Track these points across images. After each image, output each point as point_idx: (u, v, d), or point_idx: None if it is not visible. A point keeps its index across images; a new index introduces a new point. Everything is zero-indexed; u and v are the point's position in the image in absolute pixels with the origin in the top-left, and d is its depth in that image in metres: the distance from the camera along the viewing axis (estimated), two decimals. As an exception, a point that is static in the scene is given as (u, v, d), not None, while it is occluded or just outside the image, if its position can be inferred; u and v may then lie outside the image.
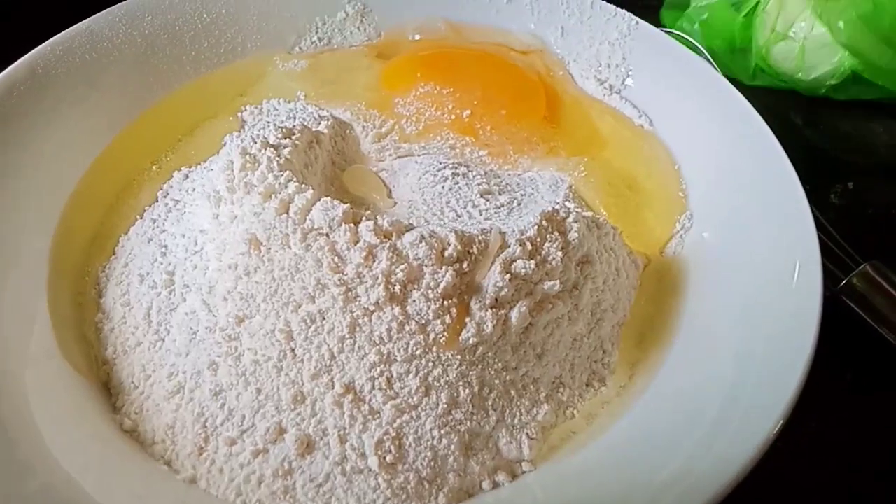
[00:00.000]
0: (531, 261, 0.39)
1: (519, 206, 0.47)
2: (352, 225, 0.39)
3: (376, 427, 0.37)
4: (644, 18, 0.59)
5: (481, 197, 0.47)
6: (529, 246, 0.40)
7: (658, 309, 0.46)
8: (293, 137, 0.46)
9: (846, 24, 0.62)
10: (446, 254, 0.38)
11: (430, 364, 0.38)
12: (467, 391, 0.38)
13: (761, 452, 0.34)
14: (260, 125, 0.52)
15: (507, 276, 0.39)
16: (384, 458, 0.36)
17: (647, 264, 0.48)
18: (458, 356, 0.38)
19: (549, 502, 0.37)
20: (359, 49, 0.62)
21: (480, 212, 0.45)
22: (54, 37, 0.53)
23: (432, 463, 0.37)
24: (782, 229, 0.44)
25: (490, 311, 0.38)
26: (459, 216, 0.45)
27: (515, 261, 0.39)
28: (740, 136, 0.50)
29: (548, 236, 0.40)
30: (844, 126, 0.66)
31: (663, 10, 0.73)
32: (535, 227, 0.40)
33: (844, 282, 0.52)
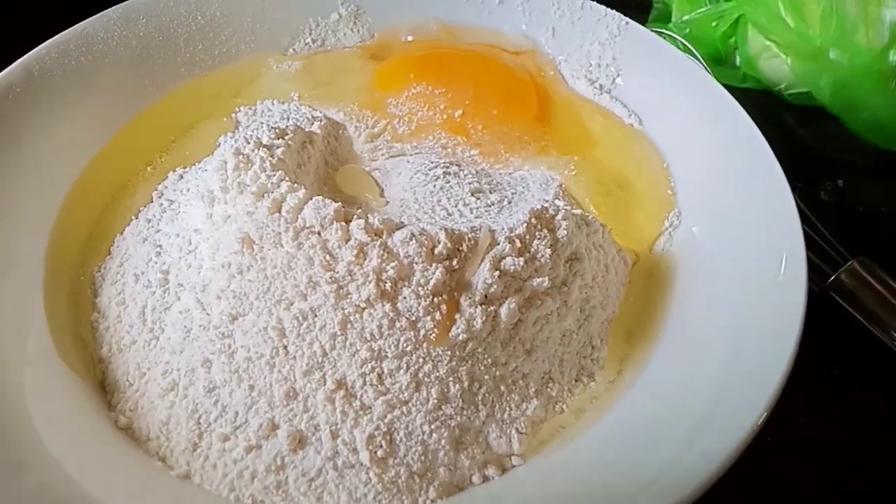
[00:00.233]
0: (520, 258, 0.40)
1: (509, 204, 0.47)
2: (343, 223, 0.39)
3: (367, 422, 0.38)
4: (635, 20, 0.59)
5: (472, 196, 0.47)
6: (518, 243, 0.40)
7: (646, 305, 0.46)
8: (286, 138, 0.46)
9: (825, 86, 0.63)
10: (436, 251, 0.39)
11: (421, 360, 0.38)
12: (457, 386, 0.39)
13: (745, 445, 0.35)
14: (254, 126, 0.53)
15: (497, 273, 0.39)
16: (375, 452, 0.37)
17: (637, 261, 0.49)
18: (448, 352, 0.39)
19: (539, 496, 0.38)
20: (352, 50, 0.62)
21: (471, 210, 0.46)
22: (50, 39, 0.53)
23: (423, 457, 0.37)
24: (769, 226, 0.45)
25: (480, 307, 0.39)
26: (450, 214, 0.45)
27: (505, 258, 0.40)
28: (729, 135, 0.50)
29: (537, 234, 0.41)
30: (835, 125, 0.66)
31: (648, 24, 0.73)
32: (525, 224, 0.41)
33: (833, 278, 0.52)
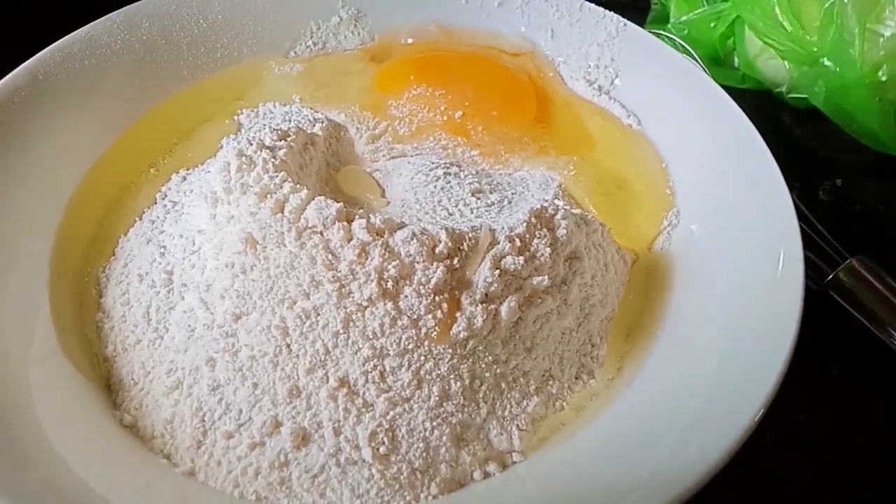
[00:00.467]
0: (520, 257, 0.40)
1: (509, 204, 0.48)
2: (345, 223, 0.39)
3: (370, 419, 0.38)
4: (633, 21, 0.60)
5: (472, 196, 0.48)
6: (518, 242, 0.41)
7: (645, 303, 0.47)
8: (288, 139, 0.47)
9: (820, 92, 0.63)
10: (437, 250, 0.39)
11: (422, 358, 0.39)
12: (458, 384, 0.39)
13: (742, 441, 0.35)
14: (256, 128, 0.53)
15: (497, 271, 0.40)
16: (378, 449, 0.37)
17: (636, 260, 0.49)
18: (450, 350, 0.39)
19: (539, 492, 0.38)
20: (353, 53, 0.63)
21: (472, 210, 0.46)
22: (54, 43, 0.54)
23: (424, 454, 0.38)
24: (766, 226, 0.45)
25: (480, 305, 0.39)
26: (451, 214, 0.46)
27: (505, 257, 0.40)
28: (726, 135, 0.51)
29: (536, 233, 0.41)
30: (833, 125, 0.67)
31: (646, 25, 0.73)
32: (524, 223, 0.41)
33: (831, 276, 0.53)
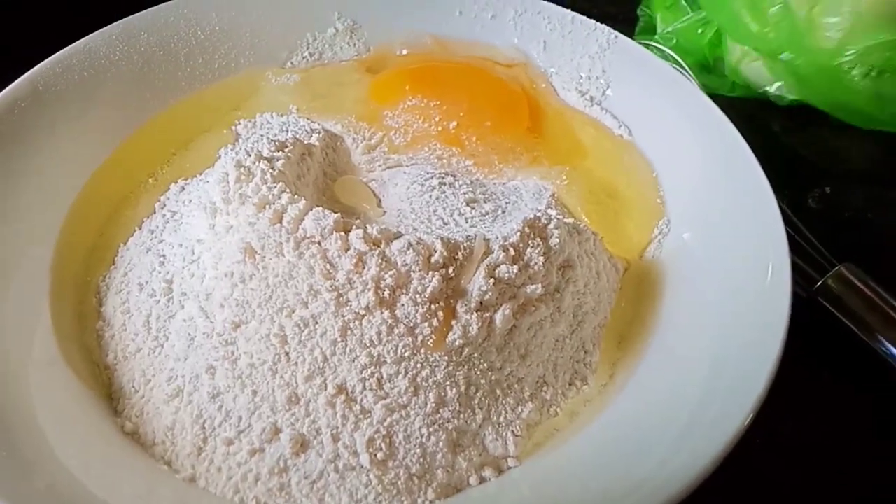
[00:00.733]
0: (514, 266, 0.41)
1: (503, 213, 0.48)
2: (342, 233, 0.40)
3: (368, 426, 0.39)
4: (622, 31, 0.61)
5: (467, 205, 0.48)
6: (512, 251, 0.41)
7: (637, 311, 0.47)
8: (286, 150, 0.47)
9: (792, 83, 0.65)
10: (433, 260, 0.40)
11: (419, 365, 0.40)
12: (454, 391, 0.40)
13: (732, 446, 0.36)
14: (254, 138, 0.54)
15: (492, 280, 0.40)
16: (375, 455, 0.38)
17: (627, 268, 0.50)
18: (446, 357, 0.40)
19: (534, 496, 0.39)
20: (349, 64, 0.63)
21: (466, 219, 0.47)
22: (54, 55, 0.54)
23: (421, 459, 0.39)
24: (755, 233, 0.46)
25: (475, 314, 0.40)
26: (446, 224, 0.47)
27: (499, 266, 0.41)
28: (715, 145, 0.52)
29: (530, 242, 0.42)
30: (822, 133, 0.68)
31: (636, 36, 0.74)
32: (518, 233, 0.42)
33: (820, 283, 0.53)
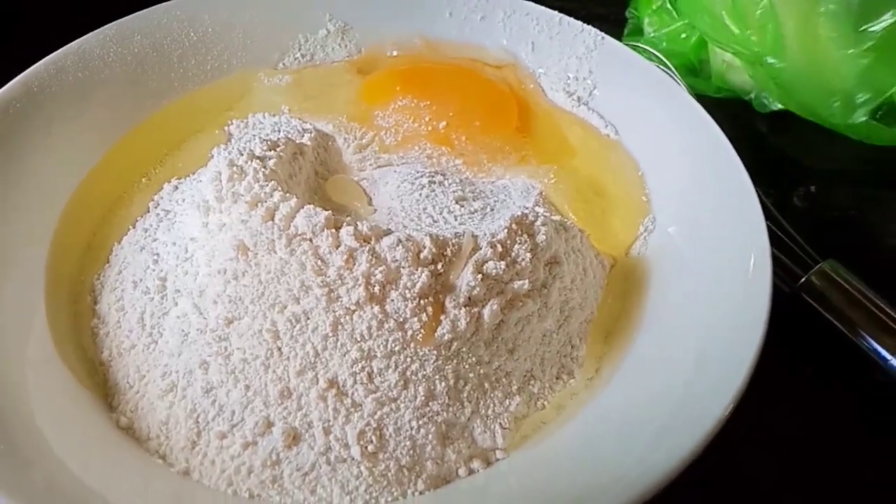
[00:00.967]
0: (502, 262, 0.42)
1: (492, 211, 0.49)
2: (333, 230, 0.41)
3: (358, 419, 0.39)
4: (610, 34, 0.62)
5: (456, 203, 0.49)
6: (500, 248, 0.42)
7: (623, 306, 0.48)
8: (278, 149, 0.48)
9: (774, 90, 0.67)
10: (422, 256, 0.41)
11: (409, 359, 0.40)
12: (443, 384, 0.41)
13: (712, 436, 0.37)
14: (246, 138, 0.55)
15: (480, 276, 0.41)
16: (366, 447, 0.39)
17: (613, 265, 0.51)
18: (435, 352, 0.41)
19: (522, 487, 0.40)
20: (340, 65, 0.64)
21: (455, 217, 0.48)
22: (48, 56, 0.55)
23: (411, 452, 0.39)
24: (737, 230, 0.47)
25: (464, 309, 0.41)
26: (436, 221, 0.48)
27: (487, 262, 0.42)
28: (699, 144, 0.53)
29: (517, 239, 0.43)
30: (807, 134, 0.69)
31: (624, 38, 0.75)
32: (506, 230, 0.43)
33: (804, 279, 0.54)
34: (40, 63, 0.54)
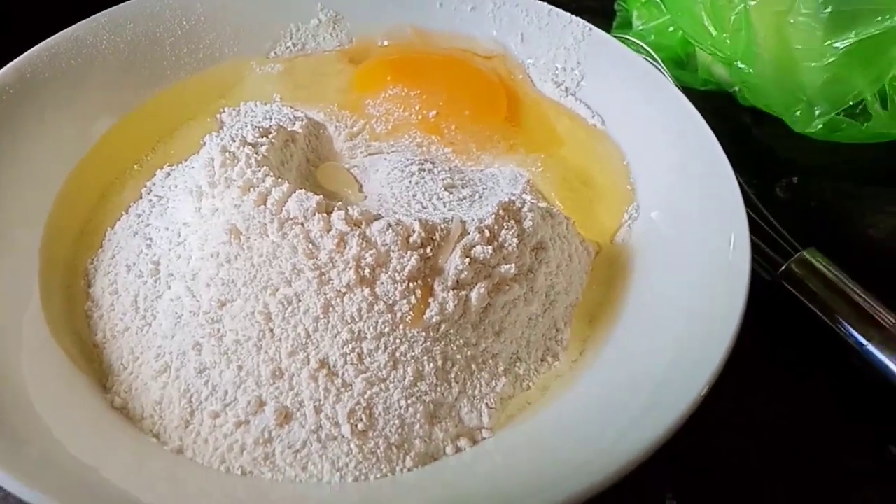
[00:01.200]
0: (489, 246, 0.43)
1: (480, 198, 0.50)
2: (324, 214, 0.42)
3: (349, 398, 0.40)
4: (599, 27, 0.63)
5: (445, 190, 0.50)
6: (487, 233, 0.43)
7: (607, 292, 0.49)
8: (270, 136, 0.49)
9: (746, 91, 0.69)
10: (411, 240, 0.42)
11: (398, 341, 0.41)
12: (431, 365, 0.42)
13: (687, 415, 0.38)
14: (238, 126, 0.55)
15: (468, 260, 0.42)
16: (356, 426, 0.40)
17: (599, 252, 0.52)
18: (423, 333, 0.42)
19: (507, 464, 0.40)
20: (331, 54, 0.65)
21: (444, 204, 0.49)
22: (41, 43, 0.55)
23: (400, 430, 0.40)
24: (718, 218, 0.48)
25: (452, 292, 0.42)
26: (425, 208, 0.48)
27: (475, 246, 0.43)
28: (684, 135, 0.54)
29: (504, 224, 0.44)
30: (790, 127, 0.70)
31: (612, 31, 0.76)
32: (493, 216, 0.44)
33: (784, 267, 0.55)
34: (33, 50, 0.55)
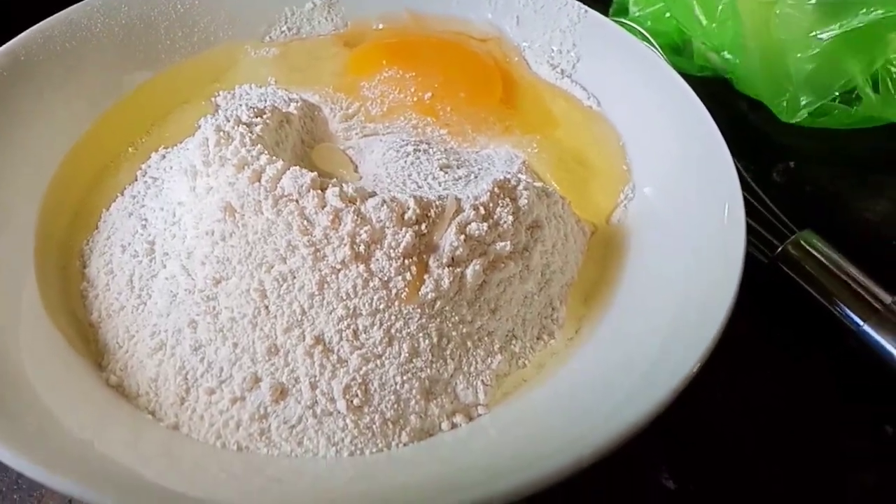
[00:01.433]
0: (484, 223, 0.43)
1: (476, 178, 0.50)
2: (319, 191, 0.42)
3: (344, 374, 0.40)
4: (595, 8, 0.63)
5: (441, 170, 0.50)
6: (483, 210, 0.43)
7: (603, 271, 0.49)
8: (264, 117, 0.49)
9: (735, 80, 0.70)
10: (406, 216, 0.42)
11: (393, 317, 0.41)
12: (427, 342, 0.42)
13: (678, 391, 0.37)
14: (233, 108, 0.55)
15: (463, 237, 0.42)
16: (352, 401, 0.40)
17: (594, 232, 0.52)
18: (418, 310, 0.42)
19: (502, 440, 0.41)
20: (326, 38, 0.65)
21: (440, 183, 0.49)
22: (35, 25, 0.55)
23: (395, 406, 0.40)
24: (713, 198, 0.48)
25: (447, 268, 0.42)
26: (420, 187, 0.48)
27: (470, 223, 0.43)
28: (679, 115, 0.54)
29: (500, 202, 0.44)
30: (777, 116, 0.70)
31: (609, 17, 0.76)
32: (488, 193, 0.44)
33: (780, 249, 0.56)
34: (27, 32, 0.55)
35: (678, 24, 0.71)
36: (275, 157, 0.44)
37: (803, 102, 0.65)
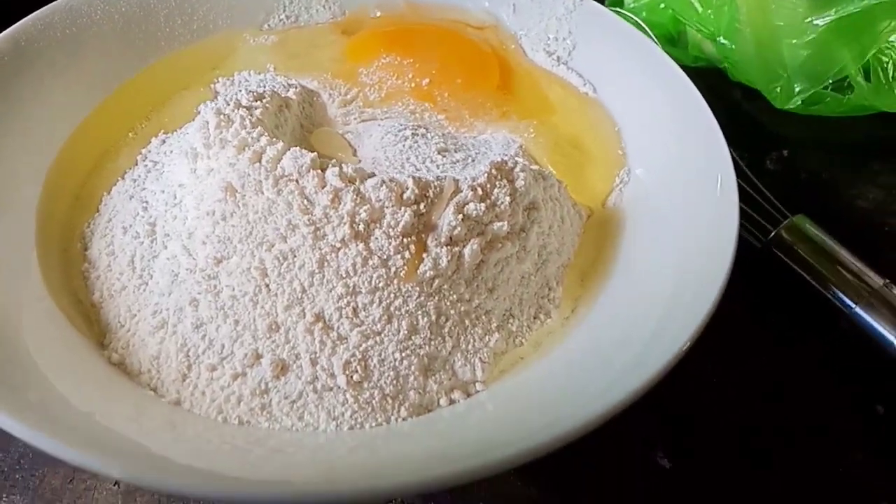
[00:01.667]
0: (482, 204, 0.43)
1: (473, 162, 0.51)
2: (319, 171, 0.42)
3: (344, 350, 0.41)
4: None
5: (439, 154, 0.51)
6: (480, 191, 0.44)
7: (599, 253, 0.50)
8: (264, 101, 0.49)
9: (729, 67, 0.71)
10: (405, 196, 0.42)
11: (392, 295, 0.42)
12: (425, 319, 0.42)
13: (670, 367, 0.38)
14: (232, 93, 0.56)
15: (460, 216, 0.43)
16: (351, 377, 0.40)
17: (590, 215, 0.53)
18: (417, 288, 0.42)
19: (499, 415, 0.41)
20: (324, 26, 0.65)
21: (438, 167, 0.50)
22: (36, 12, 0.55)
23: (395, 382, 0.41)
24: (707, 182, 0.48)
25: (445, 248, 0.42)
26: (418, 170, 0.49)
27: (468, 203, 0.43)
28: (674, 101, 0.54)
29: (497, 183, 0.45)
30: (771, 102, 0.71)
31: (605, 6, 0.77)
32: (486, 174, 0.45)
33: (773, 233, 0.56)
34: (28, 18, 0.55)
35: (673, 13, 0.71)
36: (275, 139, 0.44)
37: (797, 89, 0.66)
